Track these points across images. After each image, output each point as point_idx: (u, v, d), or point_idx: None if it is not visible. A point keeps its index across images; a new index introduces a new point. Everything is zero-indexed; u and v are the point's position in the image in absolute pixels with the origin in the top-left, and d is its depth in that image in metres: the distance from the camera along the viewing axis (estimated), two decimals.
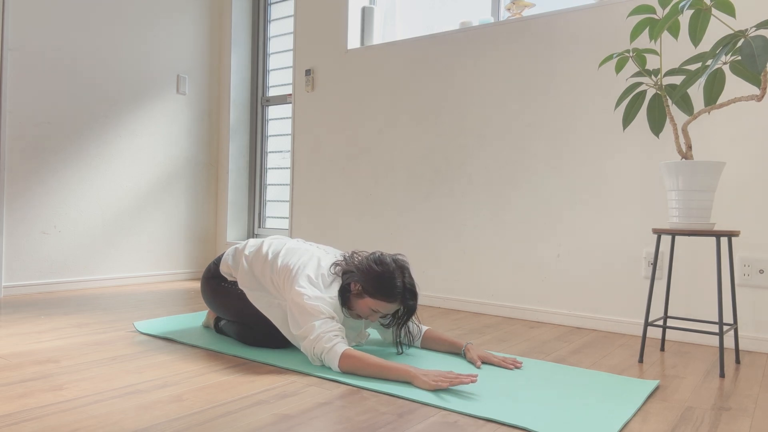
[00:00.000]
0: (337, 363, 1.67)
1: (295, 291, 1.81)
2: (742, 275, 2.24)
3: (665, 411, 1.48)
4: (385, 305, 1.81)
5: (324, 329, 1.72)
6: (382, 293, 1.79)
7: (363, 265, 1.85)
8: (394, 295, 1.80)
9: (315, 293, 1.80)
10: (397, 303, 1.81)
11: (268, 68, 4.13)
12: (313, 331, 1.72)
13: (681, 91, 1.88)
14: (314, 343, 1.71)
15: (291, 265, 1.91)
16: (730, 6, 1.78)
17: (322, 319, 1.74)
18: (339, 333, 1.73)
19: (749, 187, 2.23)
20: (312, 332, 1.72)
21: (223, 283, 2.09)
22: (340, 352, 1.68)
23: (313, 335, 1.71)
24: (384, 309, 1.82)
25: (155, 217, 3.69)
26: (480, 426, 1.34)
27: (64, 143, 3.22)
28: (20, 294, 3.04)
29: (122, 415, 1.34)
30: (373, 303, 1.81)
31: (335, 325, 1.74)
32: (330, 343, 1.69)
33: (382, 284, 1.79)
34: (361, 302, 1.83)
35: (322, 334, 1.71)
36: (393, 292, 1.79)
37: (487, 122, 2.88)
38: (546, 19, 2.71)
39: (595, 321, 2.54)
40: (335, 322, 1.76)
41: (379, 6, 3.56)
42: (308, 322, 1.74)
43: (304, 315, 1.75)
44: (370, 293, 1.80)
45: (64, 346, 1.97)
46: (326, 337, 1.70)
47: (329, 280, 1.88)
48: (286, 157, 4.01)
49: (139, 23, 3.55)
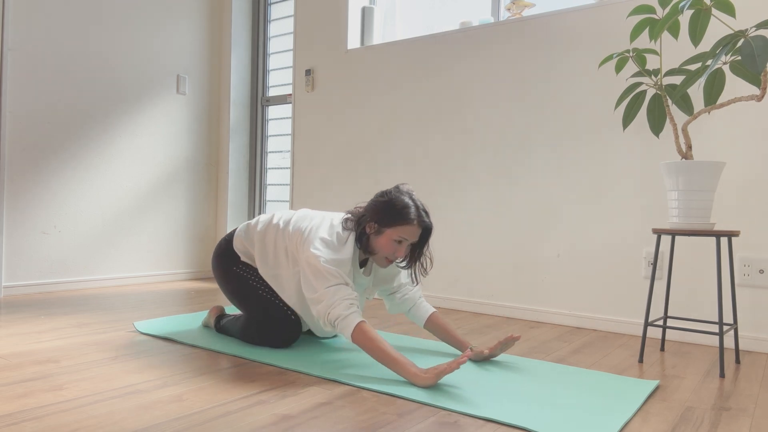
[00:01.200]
0: (350, 333, 1.66)
1: (310, 253, 1.77)
2: (742, 275, 2.24)
3: (665, 411, 1.48)
4: (406, 229, 1.79)
5: (340, 295, 1.70)
6: (399, 218, 1.78)
7: (370, 205, 1.86)
8: (410, 216, 1.78)
9: (330, 255, 1.77)
10: (416, 224, 1.79)
11: (268, 68, 4.13)
12: (328, 296, 1.70)
13: (681, 91, 1.88)
14: (329, 309, 1.69)
15: (303, 228, 1.90)
16: (730, 6, 1.78)
17: (337, 284, 1.72)
18: (355, 302, 1.71)
19: (749, 187, 2.23)
20: (327, 297, 1.70)
21: (235, 267, 2.06)
22: (355, 323, 1.67)
23: (328, 300, 1.70)
24: (407, 234, 1.79)
25: (155, 217, 3.69)
26: (480, 426, 1.34)
27: (64, 143, 3.22)
28: (20, 294, 3.04)
29: (122, 415, 1.34)
30: (394, 233, 1.79)
31: (351, 293, 1.72)
32: (347, 311, 1.68)
33: (394, 210, 1.78)
34: (381, 239, 1.81)
35: (338, 300, 1.69)
36: (408, 213, 1.78)
37: (487, 122, 2.88)
38: (546, 19, 2.71)
39: (595, 321, 2.54)
40: (351, 290, 1.73)
41: (379, 6, 3.56)
42: (323, 286, 1.72)
43: (319, 278, 1.73)
44: (388, 223, 1.79)
45: (64, 346, 1.97)
46: (343, 305, 1.69)
47: (344, 236, 1.84)
48: (286, 157, 4.01)
49: (139, 23, 3.55)
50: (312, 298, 1.75)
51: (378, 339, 1.65)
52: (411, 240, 1.82)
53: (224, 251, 2.12)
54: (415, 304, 2.03)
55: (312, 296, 1.75)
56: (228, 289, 2.09)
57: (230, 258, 2.10)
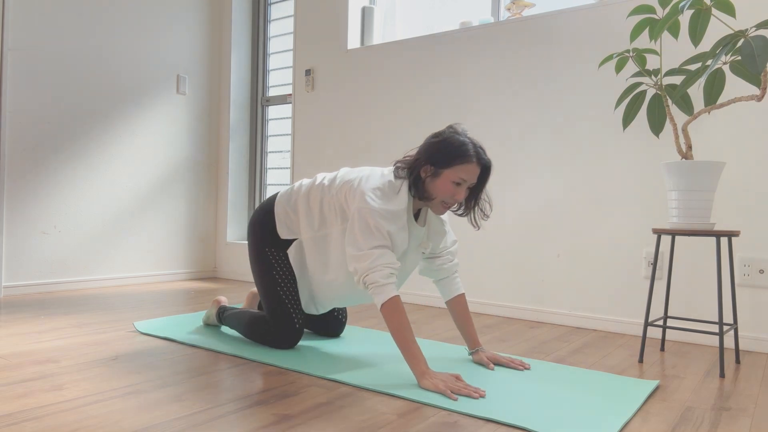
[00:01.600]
0: (382, 302, 1.62)
1: (363, 203, 1.68)
2: (742, 275, 2.24)
3: (665, 411, 1.48)
4: (465, 168, 1.69)
5: (383, 261, 1.64)
6: (457, 157, 1.68)
7: (423, 147, 1.75)
8: (468, 153, 1.69)
9: (383, 205, 1.68)
10: (474, 162, 1.70)
11: (268, 68, 4.13)
12: (371, 258, 1.64)
13: (681, 91, 1.88)
14: (369, 271, 1.64)
15: (352, 179, 1.80)
16: (730, 6, 1.78)
17: (383, 247, 1.66)
18: (395, 272, 1.66)
19: (749, 187, 2.23)
20: (370, 259, 1.64)
21: (267, 249, 1.96)
22: (390, 294, 1.62)
23: (370, 262, 1.64)
24: (466, 174, 1.70)
25: (155, 217, 3.69)
26: (480, 426, 1.34)
27: (64, 143, 3.22)
28: (20, 294, 3.04)
29: (122, 415, 1.34)
30: (452, 174, 1.69)
31: (394, 262, 1.66)
32: (386, 280, 1.63)
33: (451, 149, 1.69)
34: (439, 182, 1.71)
35: (380, 266, 1.64)
36: (466, 150, 1.69)
37: (487, 122, 2.88)
38: (546, 19, 2.71)
39: (595, 321, 2.54)
40: (393, 257, 1.67)
41: (379, 6, 3.56)
42: (369, 245, 1.65)
43: (366, 234, 1.66)
44: (445, 164, 1.69)
45: (64, 346, 1.97)
46: (384, 272, 1.64)
47: (397, 185, 1.74)
48: (286, 157, 4.01)
49: (139, 23, 3.55)
50: (353, 255, 1.67)
51: (405, 319, 1.62)
52: (470, 181, 1.72)
53: (262, 220, 2.00)
54: (449, 276, 1.96)
55: (354, 253, 1.67)
56: (254, 267, 2.02)
57: (266, 231, 1.98)
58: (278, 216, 1.97)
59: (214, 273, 4.07)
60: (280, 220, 1.96)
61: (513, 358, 1.85)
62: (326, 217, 1.86)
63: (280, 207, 1.97)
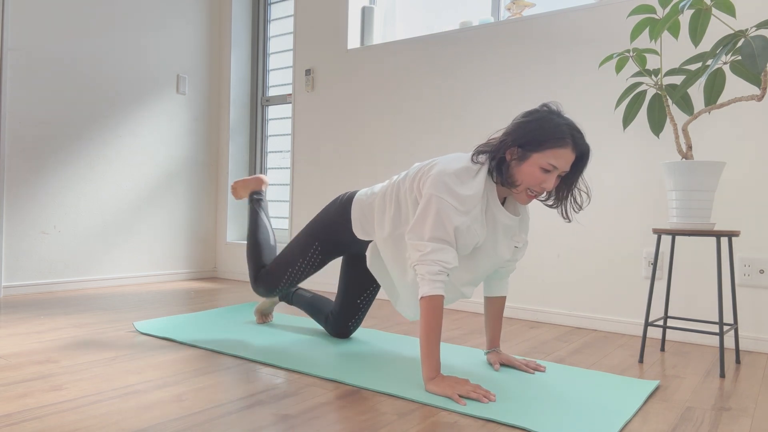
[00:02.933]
0: (423, 294, 1.52)
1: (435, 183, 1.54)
2: (742, 275, 2.24)
3: (665, 411, 1.48)
4: (558, 153, 1.51)
5: (440, 257, 1.52)
6: (550, 139, 1.50)
7: (511, 127, 1.57)
8: (563, 135, 1.50)
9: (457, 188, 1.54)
10: (570, 147, 1.52)
11: (268, 68, 4.14)
12: (429, 251, 1.52)
13: (681, 91, 1.88)
14: (420, 262, 1.54)
15: (427, 164, 1.66)
16: (730, 6, 1.78)
17: (446, 242, 1.54)
18: (447, 271, 1.55)
19: (749, 187, 2.23)
20: (428, 251, 1.52)
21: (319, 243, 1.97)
22: (435, 291, 1.52)
23: (427, 256, 1.52)
24: (557, 160, 1.51)
25: (155, 217, 3.69)
26: (480, 426, 1.34)
27: (64, 143, 3.22)
28: (20, 294, 3.03)
29: (122, 415, 1.34)
30: (541, 158, 1.51)
31: (452, 261, 1.54)
32: (435, 276, 1.52)
33: (542, 130, 1.51)
34: (525, 167, 1.54)
35: (431, 261, 1.52)
36: (561, 131, 1.50)
37: (487, 122, 2.88)
38: (546, 19, 2.71)
39: (595, 321, 2.54)
40: (451, 254, 1.54)
41: (379, 6, 3.56)
42: (432, 235, 1.53)
43: (431, 223, 1.53)
44: (535, 146, 1.51)
45: (64, 346, 1.97)
46: (436, 267, 1.52)
47: (474, 169, 1.58)
48: (286, 157, 4.01)
49: (139, 23, 3.55)
50: (413, 243, 1.56)
51: (437, 321, 1.53)
52: (562, 168, 1.54)
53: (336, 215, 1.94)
54: (501, 275, 1.83)
55: (414, 241, 1.56)
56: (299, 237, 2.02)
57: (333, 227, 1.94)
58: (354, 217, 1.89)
59: (213, 273, 4.07)
60: (356, 218, 1.88)
61: (528, 361, 1.81)
62: (402, 214, 1.74)
63: (357, 207, 1.89)
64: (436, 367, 1.55)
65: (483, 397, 1.48)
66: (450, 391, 1.49)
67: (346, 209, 1.92)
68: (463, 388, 1.50)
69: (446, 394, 1.50)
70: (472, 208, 1.55)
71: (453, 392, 1.49)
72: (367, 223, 1.87)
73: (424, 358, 1.55)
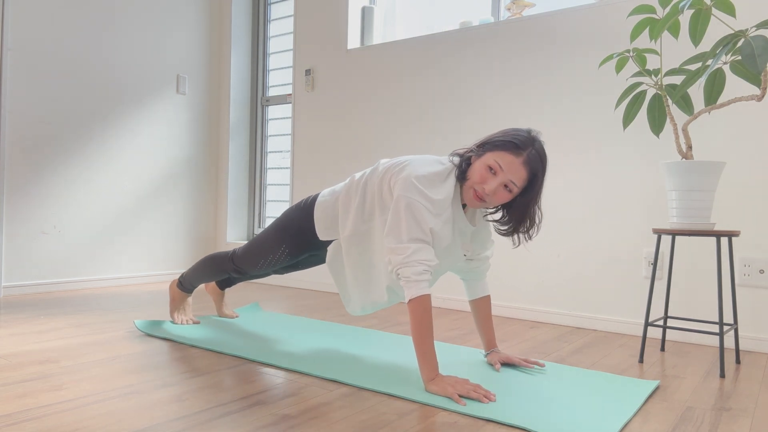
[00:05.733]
0: (411, 296, 1.54)
1: (407, 185, 1.58)
2: (742, 275, 2.24)
3: (665, 411, 1.48)
4: (508, 157, 1.55)
5: (420, 257, 1.54)
6: (508, 142, 1.56)
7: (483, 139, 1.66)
8: (521, 144, 1.56)
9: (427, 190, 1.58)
10: (522, 158, 1.56)
11: (268, 68, 4.14)
12: (408, 252, 1.54)
13: (681, 91, 1.88)
14: (404, 265, 1.55)
15: (397, 163, 1.68)
16: (730, 6, 1.78)
17: (423, 241, 1.56)
18: (430, 269, 1.57)
19: (749, 187, 2.23)
20: (407, 252, 1.54)
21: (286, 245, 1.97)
22: (421, 292, 1.54)
23: (407, 257, 1.54)
24: (505, 162, 1.56)
25: (155, 217, 3.68)
26: (480, 426, 1.34)
27: (64, 143, 3.22)
28: (20, 294, 3.04)
29: (122, 415, 1.34)
30: (492, 156, 1.57)
31: (432, 259, 1.57)
32: (419, 276, 1.54)
33: (507, 134, 1.59)
34: (477, 163, 1.60)
35: (416, 261, 1.54)
36: (520, 140, 1.56)
37: (487, 122, 2.88)
38: (546, 18, 2.71)
39: (595, 321, 2.54)
40: (430, 253, 1.57)
41: (379, 6, 3.56)
42: (409, 236, 1.55)
43: (407, 225, 1.56)
44: (492, 147, 1.58)
45: (64, 346, 1.97)
46: (419, 268, 1.54)
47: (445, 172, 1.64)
48: (286, 157, 4.01)
49: (139, 23, 3.55)
50: (392, 247, 1.57)
51: (428, 320, 1.54)
52: (508, 175, 1.57)
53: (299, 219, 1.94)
54: (477, 276, 1.89)
55: (393, 245, 1.57)
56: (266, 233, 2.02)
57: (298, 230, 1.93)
58: (317, 218, 1.88)
59: None
60: (318, 219, 1.88)
61: (527, 358, 1.83)
62: (367, 206, 1.75)
63: (320, 210, 1.88)
64: (435, 367, 1.55)
65: (483, 397, 1.48)
66: (450, 391, 1.49)
67: (309, 213, 1.91)
68: (463, 388, 1.50)
69: (446, 394, 1.50)
70: (442, 211, 1.61)
71: (453, 392, 1.49)
72: (330, 221, 1.86)
73: (422, 360, 1.56)
